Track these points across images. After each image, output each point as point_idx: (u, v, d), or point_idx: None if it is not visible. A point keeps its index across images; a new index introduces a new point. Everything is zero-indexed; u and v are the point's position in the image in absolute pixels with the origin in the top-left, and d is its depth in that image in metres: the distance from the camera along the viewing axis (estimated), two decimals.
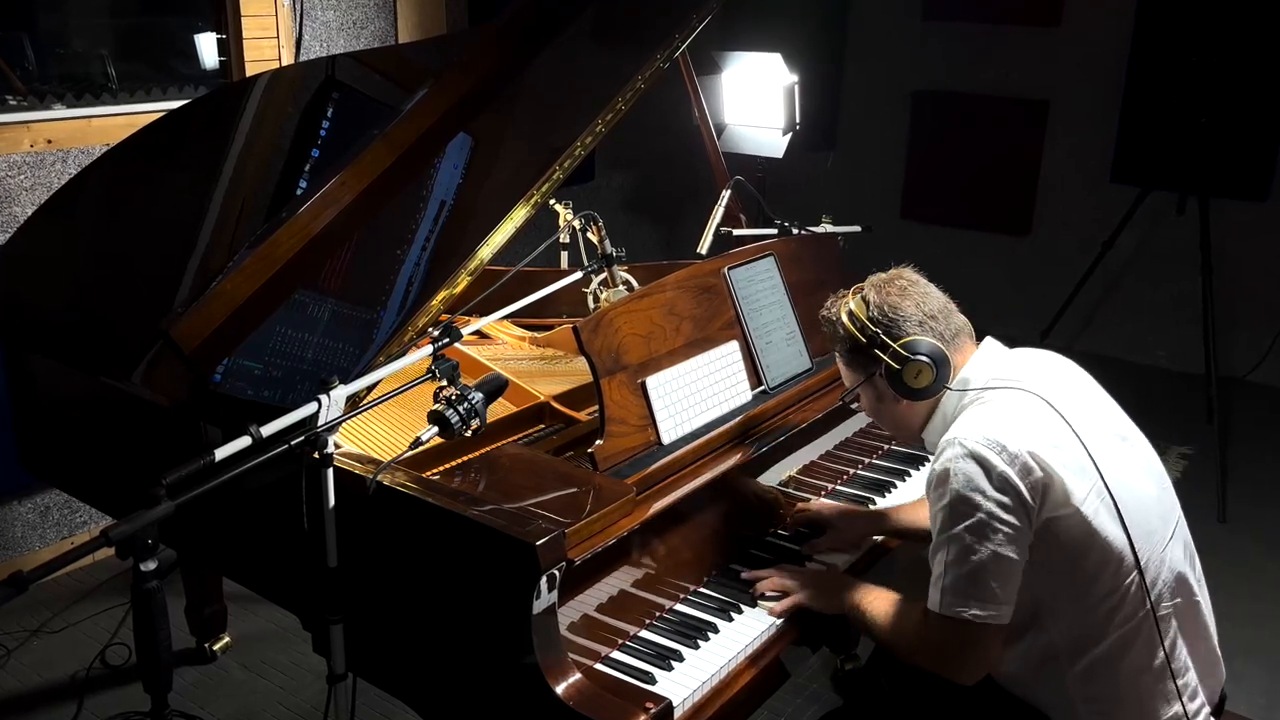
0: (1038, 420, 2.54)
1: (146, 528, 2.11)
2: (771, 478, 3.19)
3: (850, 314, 2.74)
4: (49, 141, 4.75)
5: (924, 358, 2.65)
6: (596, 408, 2.85)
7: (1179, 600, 2.61)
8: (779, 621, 2.78)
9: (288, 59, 5.52)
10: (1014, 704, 2.70)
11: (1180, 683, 2.60)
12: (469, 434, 2.57)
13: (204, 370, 3.21)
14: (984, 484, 2.44)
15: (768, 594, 2.87)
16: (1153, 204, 6.36)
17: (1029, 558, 2.49)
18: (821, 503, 3.26)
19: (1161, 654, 2.57)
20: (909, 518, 3.17)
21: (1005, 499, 2.43)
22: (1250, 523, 5.45)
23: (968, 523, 2.46)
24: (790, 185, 7.35)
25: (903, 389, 2.69)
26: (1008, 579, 2.48)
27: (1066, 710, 2.63)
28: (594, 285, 3.66)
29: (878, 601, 2.75)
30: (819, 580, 2.91)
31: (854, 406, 2.97)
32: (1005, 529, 2.44)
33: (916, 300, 2.73)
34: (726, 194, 4.04)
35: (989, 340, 2.81)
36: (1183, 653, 2.62)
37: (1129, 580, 2.52)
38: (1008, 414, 2.55)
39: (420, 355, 2.72)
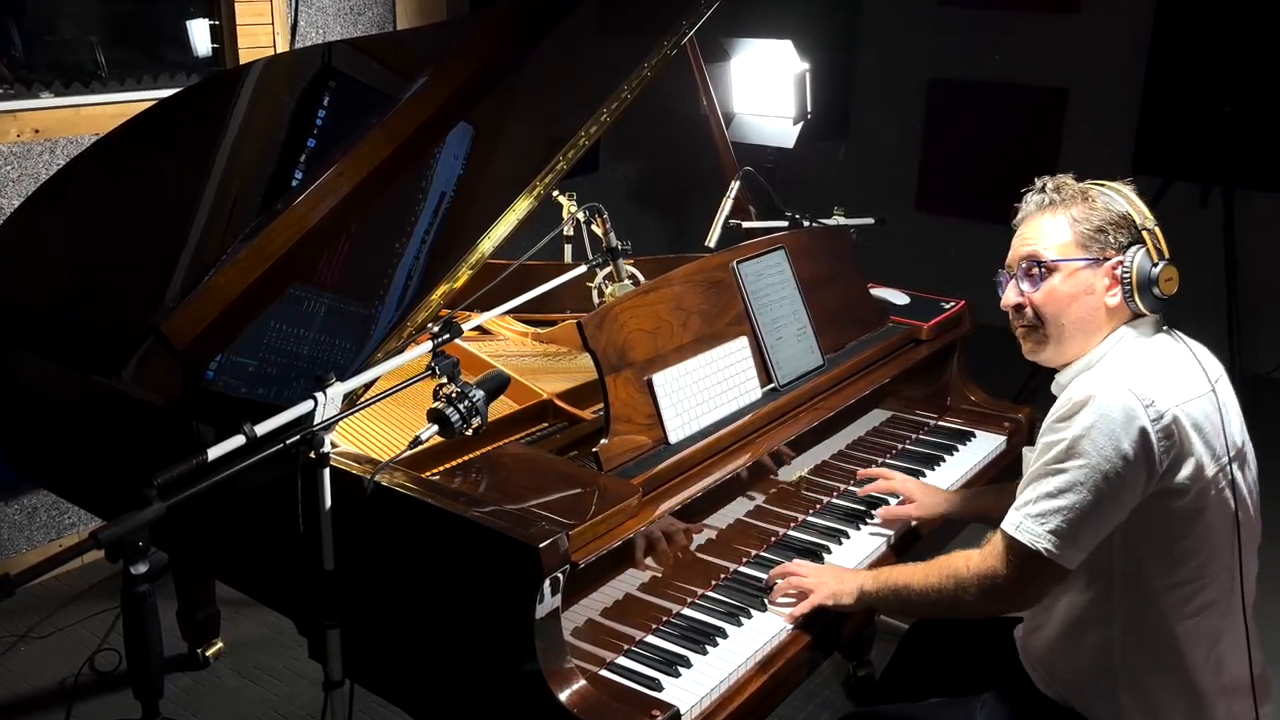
0: (1194, 387, 2.51)
1: (137, 530, 2.11)
2: (781, 478, 3.18)
3: (1126, 196, 2.66)
4: (36, 131, 4.75)
5: (1175, 266, 2.58)
6: (601, 406, 2.85)
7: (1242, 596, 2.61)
8: (790, 626, 2.78)
9: (283, 46, 5.52)
10: (1045, 708, 2.71)
11: (1232, 687, 2.61)
12: (470, 433, 2.57)
13: (196, 367, 3.21)
14: (1120, 433, 2.40)
15: (779, 600, 2.86)
16: (1174, 195, 6.34)
17: (1125, 519, 2.48)
18: (899, 476, 3.31)
19: (1217, 655, 2.58)
20: (988, 506, 3.15)
21: (1134, 456, 2.40)
22: (1278, 526, 5.42)
23: (1086, 463, 2.43)
24: (801, 176, 7.34)
25: (1141, 288, 2.57)
26: (1099, 529, 2.47)
27: (1100, 688, 2.63)
28: (599, 279, 3.65)
29: (901, 573, 2.73)
30: (835, 576, 2.88)
31: (1024, 292, 2.73)
32: (1121, 484, 2.42)
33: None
34: (735, 185, 4.04)
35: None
36: (1241, 659, 2.62)
37: (1208, 576, 2.52)
38: (1168, 368, 2.52)
39: (419, 351, 2.71)
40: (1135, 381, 2.44)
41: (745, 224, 4.05)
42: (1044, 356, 2.72)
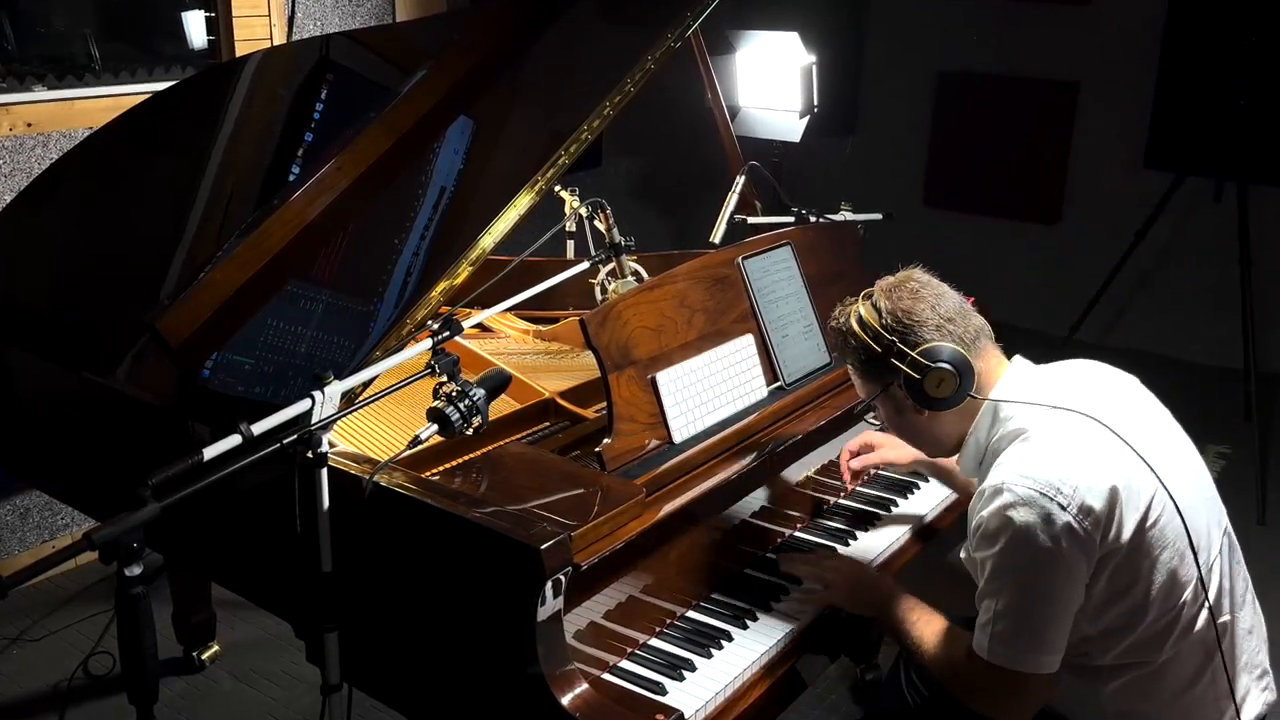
0: (1091, 445, 2.49)
1: (131, 531, 2.11)
2: (788, 478, 3.18)
3: (861, 321, 2.69)
4: (29, 125, 4.75)
5: (945, 365, 2.58)
6: (604, 405, 2.85)
7: (1226, 617, 2.61)
8: (796, 629, 2.78)
9: (280, 38, 5.52)
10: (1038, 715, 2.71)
11: (1224, 703, 2.60)
12: (470, 432, 2.57)
13: (191, 365, 3.21)
14: (1040, 534, 2.39)
15: (792, 596, 2.88)
16: (1188, 191, 6.35)
17: (1084, 596, 2.47)
18: (864, 434, 3.35)
19: (1209, 672, 2.57)
20: (950, 469, 3.24)
21: (1064, 547, 2.39)
22: None
23: (1023, 573, 2.44)
24: (807, 171, 7.34)
25: (924, 399, 2.63)
26: (1061, 627, 2.47)
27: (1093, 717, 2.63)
28: (601, 276, 3.66)
29: (921, 623, 2.72)
30: (857, 579, 2.90)
31: (871, 420, 2.93)
32: (1062, 577, 2.42)
33: (931, 303, 2.67)
34: (741, 180, 4.04)
35: (1019, 360, 2.76)
36: (1227, 671, 2.61)
37: (1183, 599, 2.51)
38: (1058, 447, 2.50)
39: (419, 349, 2.71)
40: (1034, 475, 2.43)
41: (750, 219, 4.05)
42: (929, 458, 3.06)
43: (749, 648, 2.71)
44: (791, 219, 3.96)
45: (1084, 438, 2.50)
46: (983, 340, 2.69)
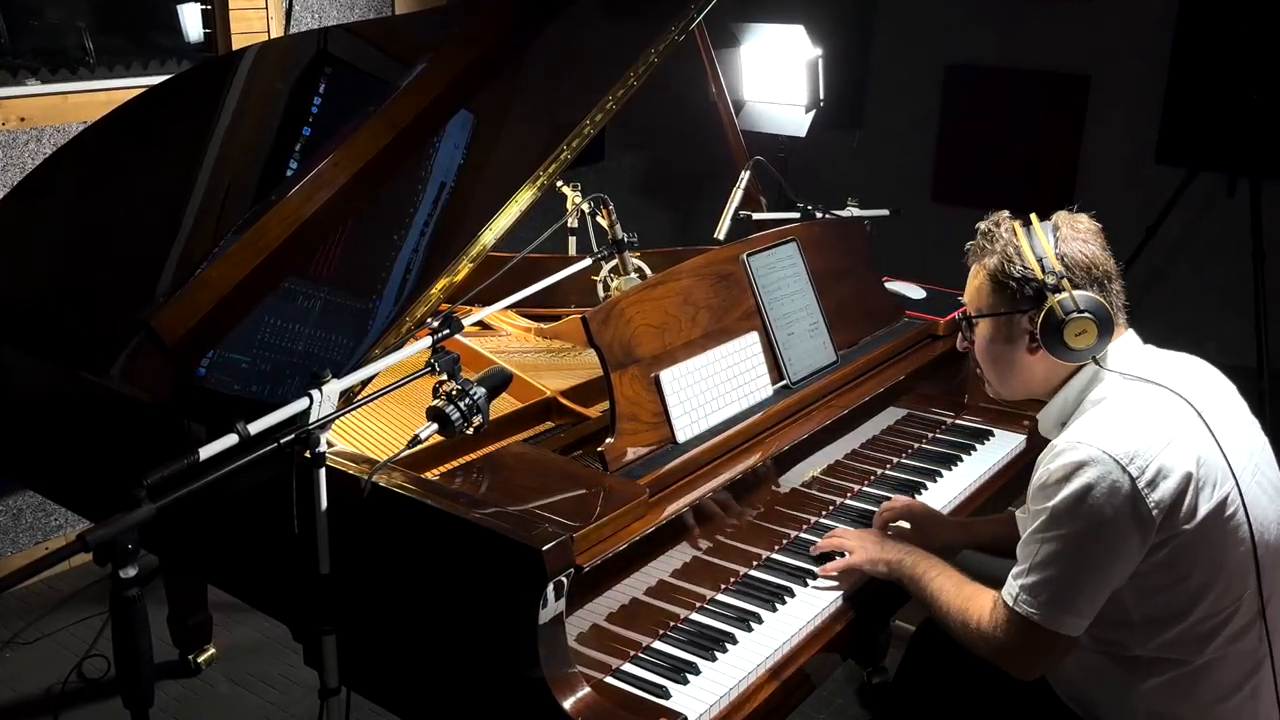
0: (1177, 424, 2.48)
1: (126, 532, 2.11)
2: (794, 478, 3.18)
3: (1033, 239, 2.66)
4: (22, 119, 4.75)
5: (1091, 316, 2.54)
6: (606, 404, 2.85)
7: None
8: (802, 631, 2.78)
9: (277, 31, 5.52)
10: (1062, 715, 2.70)
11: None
12: (470, 432, 2.57)
13: (187, 364, 3.21)
14: (1104, 498, 2.39)
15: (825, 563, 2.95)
16: (1201, 186, 6.33)
17: (1131, 574, 2.47)
18: (912, 501, 3.26)
19: (1249, 686, 2.56)
20: (1000, 534, 3.11)
21: (1123, 523, 2.39)
22: None
23: (1075, 531, 2.43)
24: (813, 166, 7.33)
25: (1054, 343, 2.57)
26: (1097, 595, 2.47)
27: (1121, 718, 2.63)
28: (604, 273, 3.65)
29: (941, 578, 2.75)
30: (875, 541, 2.94)
31: (964, 338, 2.84)
32: (1114, 549, 2.42)
33: (1099, 254, 2.66)
34: (746, 175, 4.04)
35: (1130, 333, 2.73)
36: (1278, 688, 2.60)
37: (1235, 606, 2.50)
38: (1143, 416, 2.49)
39: (419, 347, 2.71)
40: (1112, 440, 2.43)
41: (756, 215, 4.05)
42: (995, 395, 2.86)
43: (754, 650, 2.70)
44: (797, 215, 3.96)
45: (1171, 416, 2.49)
46: (1122, 314, 2.68)
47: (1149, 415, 2.49)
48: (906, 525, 3.16)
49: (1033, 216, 2.74)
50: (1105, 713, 2.66)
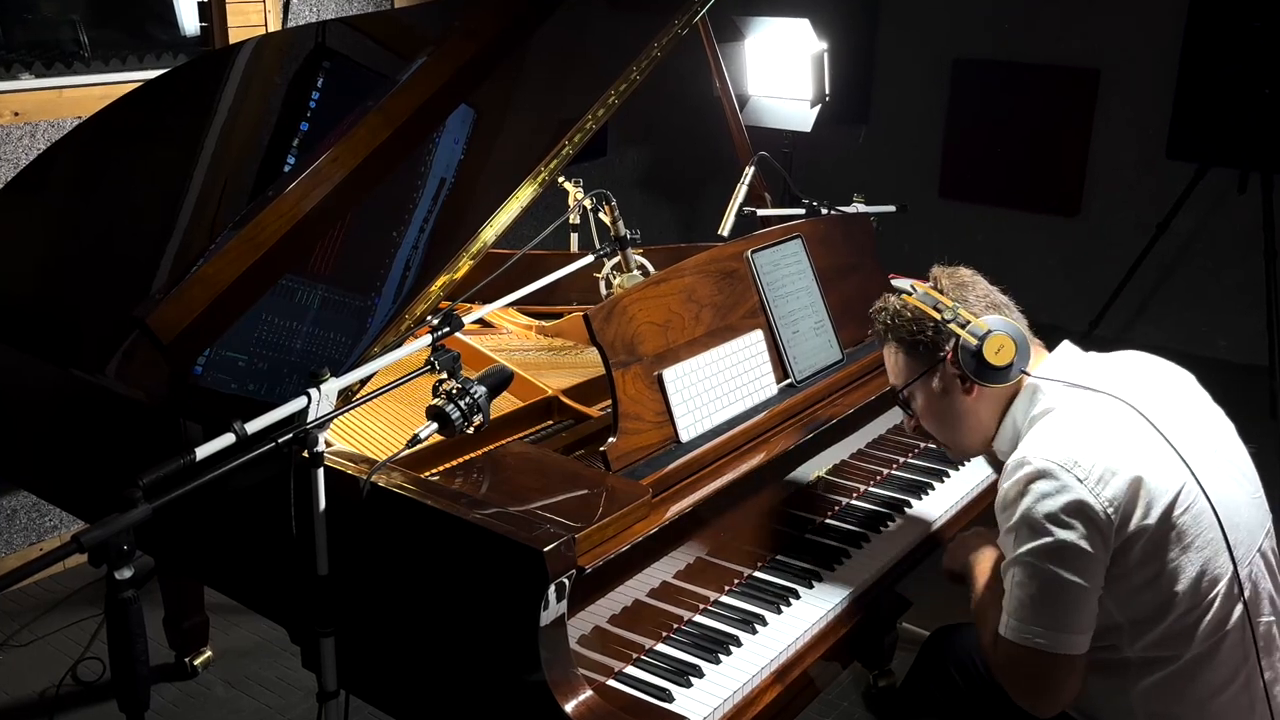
0: (1120, 426, 2.53)
1: (122, 533, 2.11)
2: (799, 478, 3.18)
3: (918, 295, 2.74)
4: (16, 114, 4.75)
5: (1003, 332, 2.63)
6: (609, 403, 2.85)
7: (1267, 619, 2.61)
8: (807, 634, 2.78)
9: (274, 25, 5.52)
10: None
11: (1260, 709, 2.60)
12: (471, 431, 2.57)
13: (183, 362, 3.21)
14: (1055, 507, 2.43)
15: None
16: (1212, 182, 6.34)
17: (1105, 578, 2.48)
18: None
19: (1242, 676, 2.57)
20: None
21: (1078, 524, 2.43)
22: None
23: (1037, 546, 2.45)
24: (819, 161, 7.35)
25: (980, 370, 2.65)
26: (1080, 607, 2.48)
27: None
28: (606, 270, 3.66)
29: (982, 583, 2.80)
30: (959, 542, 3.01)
31: (907, 417, 2.93)
32: (1077, 555, 2.44)
33: (987, 289, 2.78)
34: (750, 171, 4.03)
35: (1067, 344, 2.79)
36: (1263, 675, 2.61)
37: (1214, 594, 2.51)
38: (1083, 423, 2.55)
39: (418, 345, 2.71)
40: (1056, 449, 2.48)
41: (760, 211, 4.05)
42: (960, 457, 3.04)
43: (758, 653, 2.71)
44: (802, 211, 3.95)
45: (1112, 420, 2.54)
46: (1027, 331, 2.74)
47: (1090, 422, 2.55)
48: None
49: (912, 284, 2.82)
50: (1104, 716, 2.66)
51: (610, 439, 2.77)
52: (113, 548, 2.11)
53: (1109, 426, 2.53)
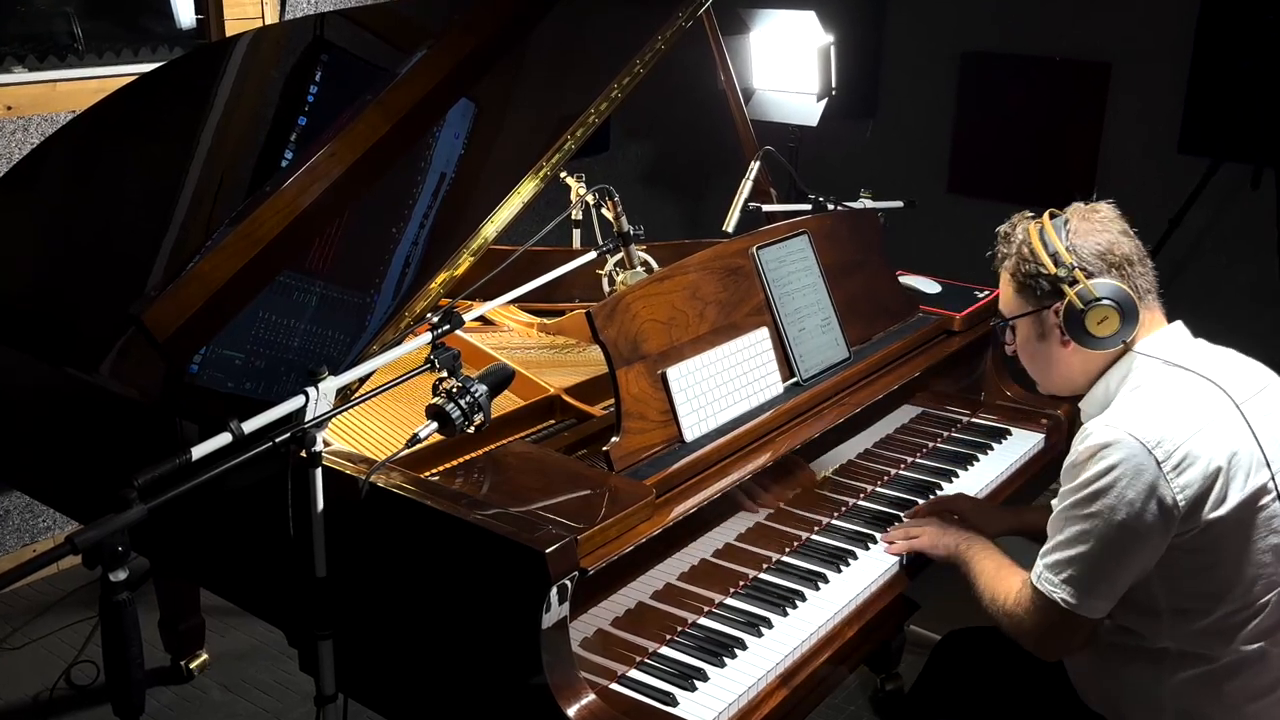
0: (1210, 413, 2.54)
1: (116, 534, 2.11)
2: (805, 478, 3.18)
3: (1044, 237, 2.74)
4: (9, 108, 4.75)
5: (1110, 303, 2.63)
6: (612, 401, 2.85)
7: None
8: (814, 637, 2.78)
9: (272, 17, 5.52)
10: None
11: None
12: (471, 430, 2.57)
13: (179, 360, 3.21)
14: (1126, 483, 2.44)
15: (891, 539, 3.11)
16: (1225, 177, 6.33)
17: (1157, 561, 2.50)
18: (957, 495, 3.34)
19: None
20: (1038, 522, 3.16)
21: (1146, 504, 2.44)
22: None
23: (1102, 513, 2.47)
24: (825, 156, 7.33)
25: (1078, 333, 2.67)
26: (1118, 579, 2.51)
27: None
28: (609, 266, 3.65)
29: (984, 559, 2.84)
30: (941, 528, 3.05)
31: (1006, 343, 2.94)
32: (1136, 532, 2.45)
33: (1118, 239, 2.74)
34: (755, 166, 4.03)
35: (1179, 324, 2.80)
36: None
37: (1267, 600, 2.53)
38: (1174, 403, 2.55)
39: (418, 344, 2.71)
40: (1139, 423, 2.48)
41: (766, 207, 4.04)
42: (1045, 392, 2.95)
43: (764, 656, 2.70)
44: (808, 207, 3.95)
45: (1205, 404, 2.55)
46: (1153, 297, 2.75)
47: (1181, 402, 2.55)
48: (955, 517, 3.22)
49: (1046, 214, 2.82)
50: (1133, 711, 2.66)
51: (613, 438, 2.77)
52: (107, 549, 2.11)
53: (1199, 410, 2.53)
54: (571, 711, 2.34)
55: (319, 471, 2.48)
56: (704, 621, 2.82)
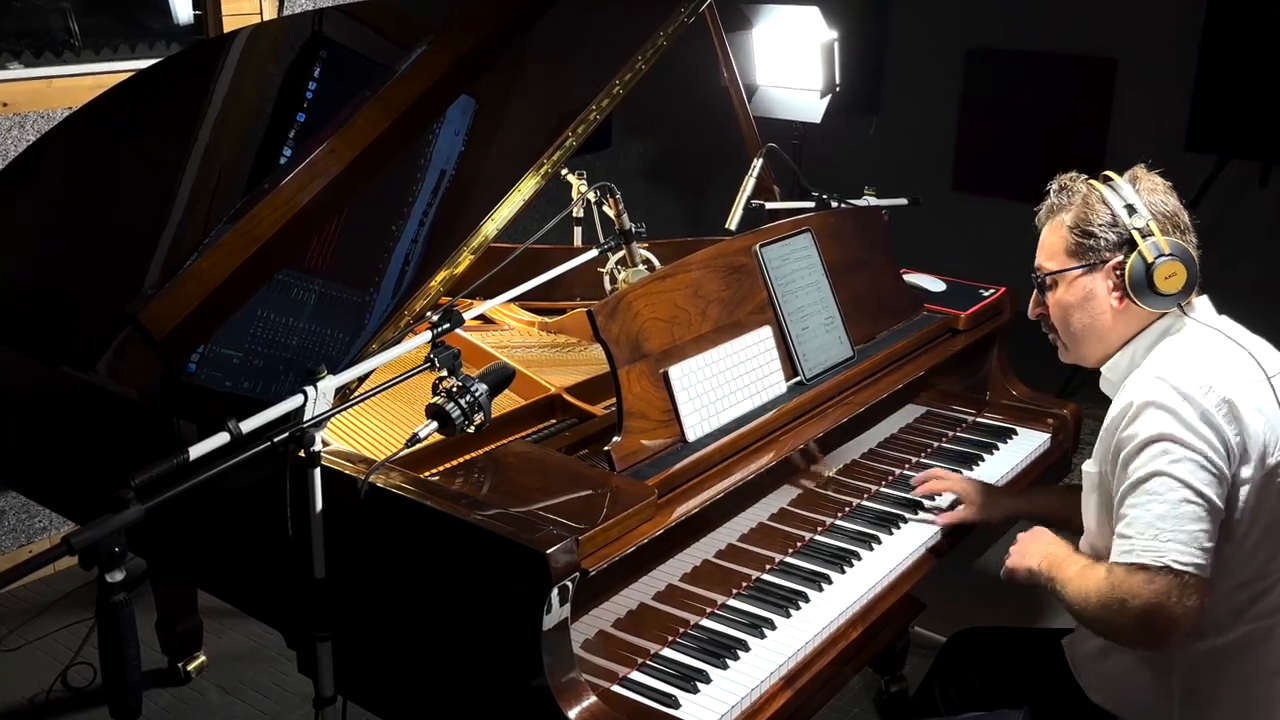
0: (1243, 372, 2.56)
1: (113, 534, 2.11)
2: (808, 478, 3.18)
3: (1117, 189, 2.72)
4: (4, 105, 4.75)
5: (1181, 260, 2.63)
6: (613, 401, 2.85)
7: None
8: (817, 638, 2.78)
9: (270, 13, 5.52)
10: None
11: None
12: (472, 430, 2.57)
13: (177, 359, 3.21)
14: (1193, 421, 2.45)
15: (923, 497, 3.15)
16: (1232, 174, 6.32)
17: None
18: (955, 477, 3.34)
19: None
20: (1054, 506, 3.17)
21: (1213, 440, 2.45)
22: None
23: (1172, 460, 2.46)
24: (829, 153, 7.33)
25: (1143, 289, 2.65)
26: (1210, 525, 2.47)
27: (1157, 704, 2.63)
28: (611, 264, 3.65)
29: (1063, 560, 2.73)
30: (987, 501, 3.09)
31: (1036, 301, 2.90)
32: (1211, 470, 2.45)
33: (1179, 208, 2.74)
34: (758, 163, 4.03)
35: (1205, 298, 2.80)
36: None
37: (1276, 572, 2.54)
38: (1212, 355, 2.58)
39: (417, 342, 2.71)
40: (1185, 373, 2.50)
41: (769, 205, 4.04)
42: (1070, 359, 2.88)
43: (767, 658, 2.70)
44: (812, 204, 3.95)
45: (1240, 367, 2.58)
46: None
47: (1218, 358, 2.58)
48: (958, 504, 3.24)
49: (1107, 172, 2.79)
50: (1139, 695, 2.66)
51: (615, 438, 2.77)
52: (104, 550, 2.11)
53: (1237, 371, 2.56)
54: (572, 714, 2.34)
55: (318, 471, 2.48)
56: (706, 623, 2.82)
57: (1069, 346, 2.87)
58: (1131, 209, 2.68)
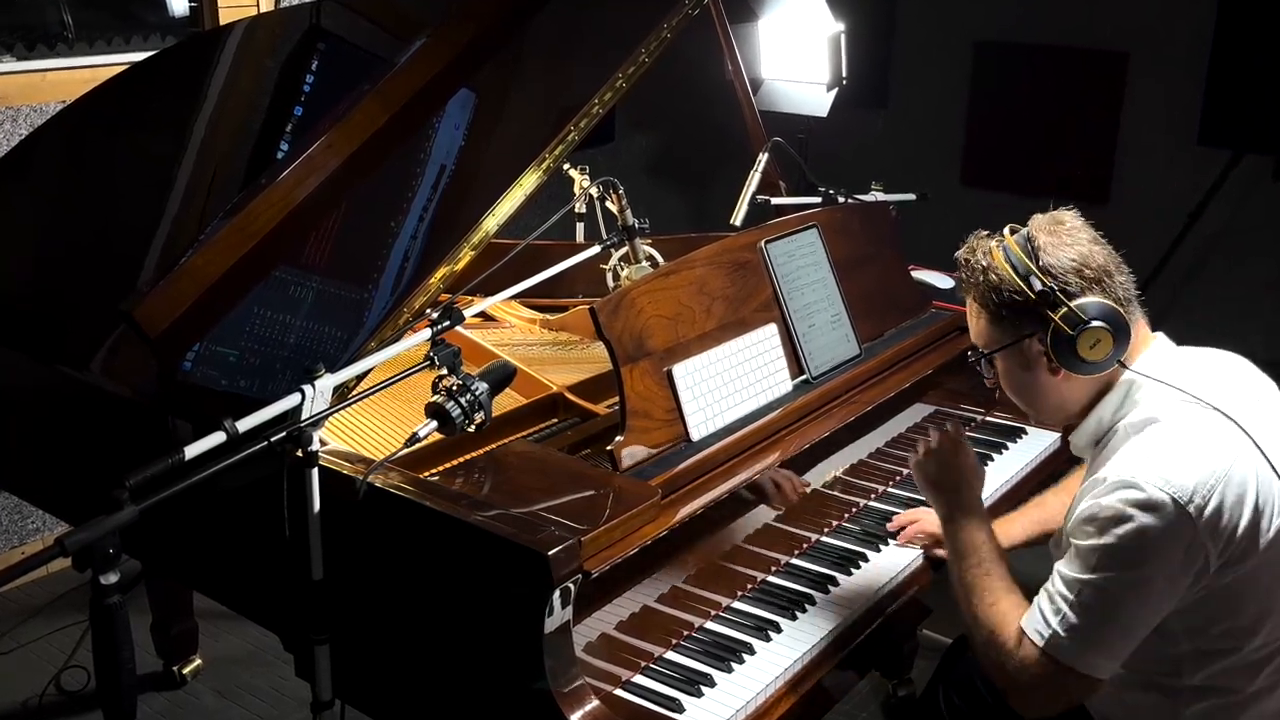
0: (1230, 451, 2.42)
1: (107, 535, 2.11)
2: (814, 478, 3.18)
3: (1010, 258, 2.56)
4: None
5: (1102, 324, 2.47)
6: (616, 400, 2.85)
7: None
8: (823, 642, 2.78)
9: (266, 5, 5.53)
10: None
11: None
12: (472, 429, 2.57)
13: (172, 357, 3.21)
14: (1164, 542, 2.34)
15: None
16: (1246, 169, 6.32)
17: (1182, 609, 2.44)
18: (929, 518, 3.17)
19: None
20: (1041, 521, 3.14)
21: (1177, 559, 2.36)
22: None
23: (1124, 574, 2.38)
24: (835, 148, 7.32)
25: (1071, 361, 2.51)
26: (1137, 637, 2.44)
27: None
28: (614, 261, 3.65)
29: (988, 579, 2.65)
30: (949, 464, 2.94)
31: (986, 377, 2.76)
32: (1164, 590, 2.39)
33: (1089, 251, 2.56)
34: (763, 158, 4.03)
35: (1161, 337, 2.67)
36: None
37: None
38: (1196, 445, 2.42)
39: (417, 340, 2.71)
40: (1169, 475, 2.36)
41: (774, 200, 4.05)
42: (1039, 425, 2.80)
43: (772, 662, 2.71)
44: (818, 199, 3.96)
45: (1223, 442, 2.43)
46: (1135, 305, 2.60)
47: (1201, 444, 2.42)
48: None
49: (1006, 230, 2.66)
50: (1145, 717, 2.65)
51: (617, 437, 2.77)
52: (98, 551, 2.11)
53: (1219, 450, 2.41)
54: (575, 718, 2.34)
55: (315, 471, 2.48)
56: (711, 626, 2.82)
57: (1030, 413, 2.78)
58: (1033, 276, 2.52)
